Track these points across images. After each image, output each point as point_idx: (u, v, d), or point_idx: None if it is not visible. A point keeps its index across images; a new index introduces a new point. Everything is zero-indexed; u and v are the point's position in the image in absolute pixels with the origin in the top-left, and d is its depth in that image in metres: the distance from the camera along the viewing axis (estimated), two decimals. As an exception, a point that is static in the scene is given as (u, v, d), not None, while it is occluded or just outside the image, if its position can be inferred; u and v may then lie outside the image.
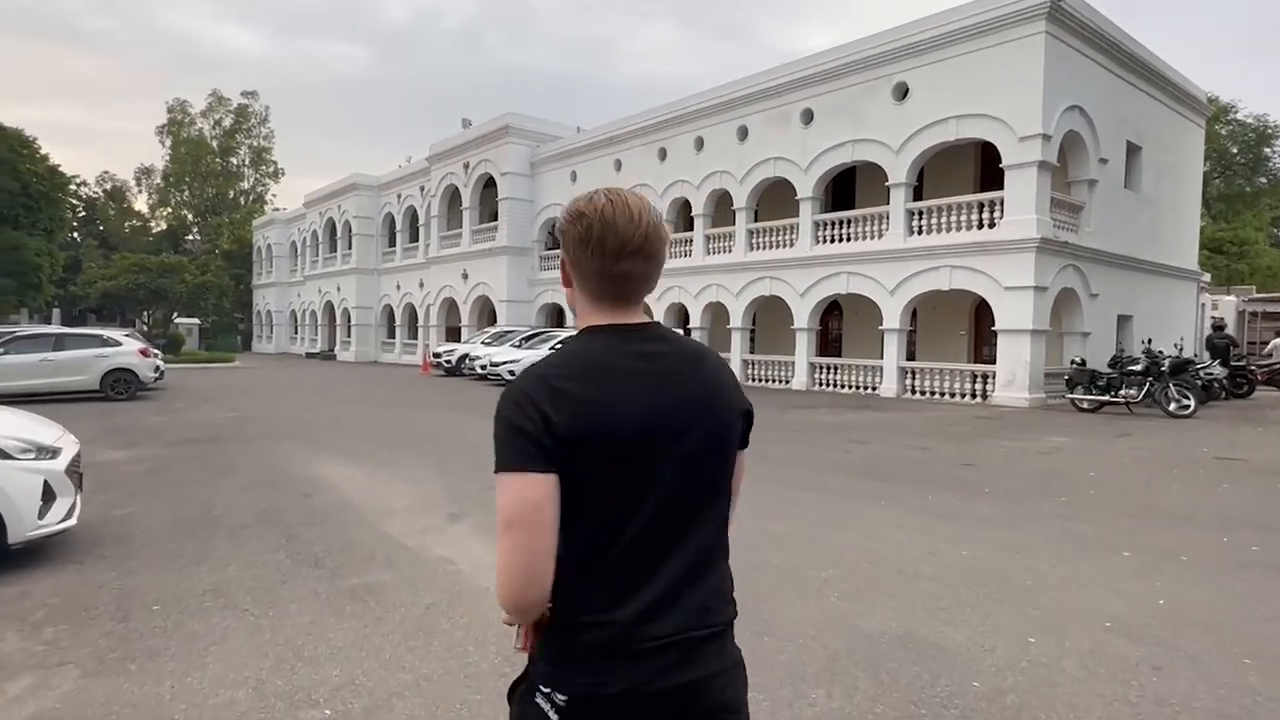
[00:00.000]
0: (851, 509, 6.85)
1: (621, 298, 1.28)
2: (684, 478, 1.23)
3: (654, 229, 1.26)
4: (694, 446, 1.24)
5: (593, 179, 26.85)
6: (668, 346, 1.28)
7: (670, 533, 1.23)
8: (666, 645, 1.19)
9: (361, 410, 15.37)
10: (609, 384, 1.20)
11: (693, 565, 1.24)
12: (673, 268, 23.80)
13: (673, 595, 1.21)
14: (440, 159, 33.25)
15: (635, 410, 1.20)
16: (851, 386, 19.17)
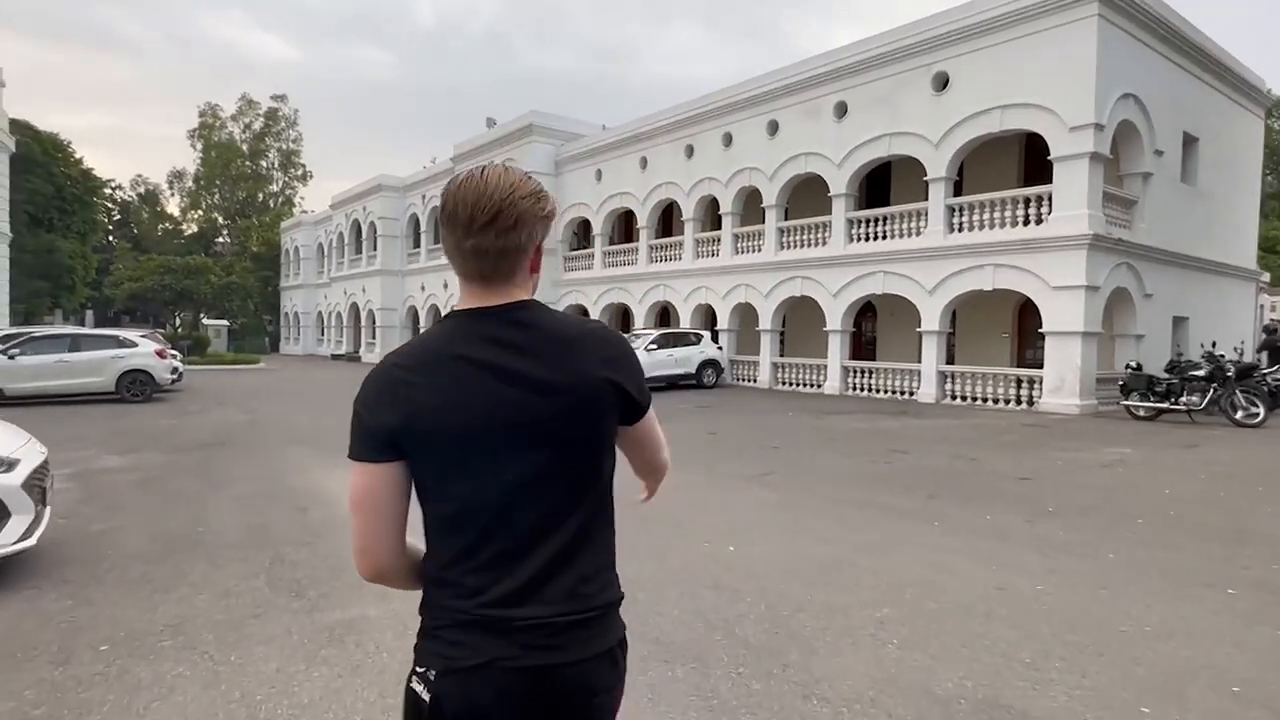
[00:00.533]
0: (901, 530, 6.12)
1: (482, 276, 1.26)
2: (543, 464, 1.23)
3: (508, 202, 1.22)
4: (553, 433, 1.22)
5: (618, 178, 26.27)
6: (526, 331, 1.24)
7: (533, 517, 1.23)
8: (530, 626, 1.20)
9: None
10: (453, 373, 1.21)
11: (560, 550, 1.24)
12: (700, 268, 23.11)
13: (537, 579, 1.22)
14: (464, 159, 32.90)
15: (478, 400, 1.20)
16: (887, 391, 18.32)
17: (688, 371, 20.73)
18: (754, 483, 8.09)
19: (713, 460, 9.53)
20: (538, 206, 1.26)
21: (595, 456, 1.28)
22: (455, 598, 1.23)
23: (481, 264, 1.25)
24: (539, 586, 1.22)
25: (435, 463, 1.22)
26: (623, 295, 26.27)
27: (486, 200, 1.21)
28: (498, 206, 1.21)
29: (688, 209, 23.60)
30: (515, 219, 1.23)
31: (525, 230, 1.25)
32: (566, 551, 1.25)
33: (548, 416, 1.22)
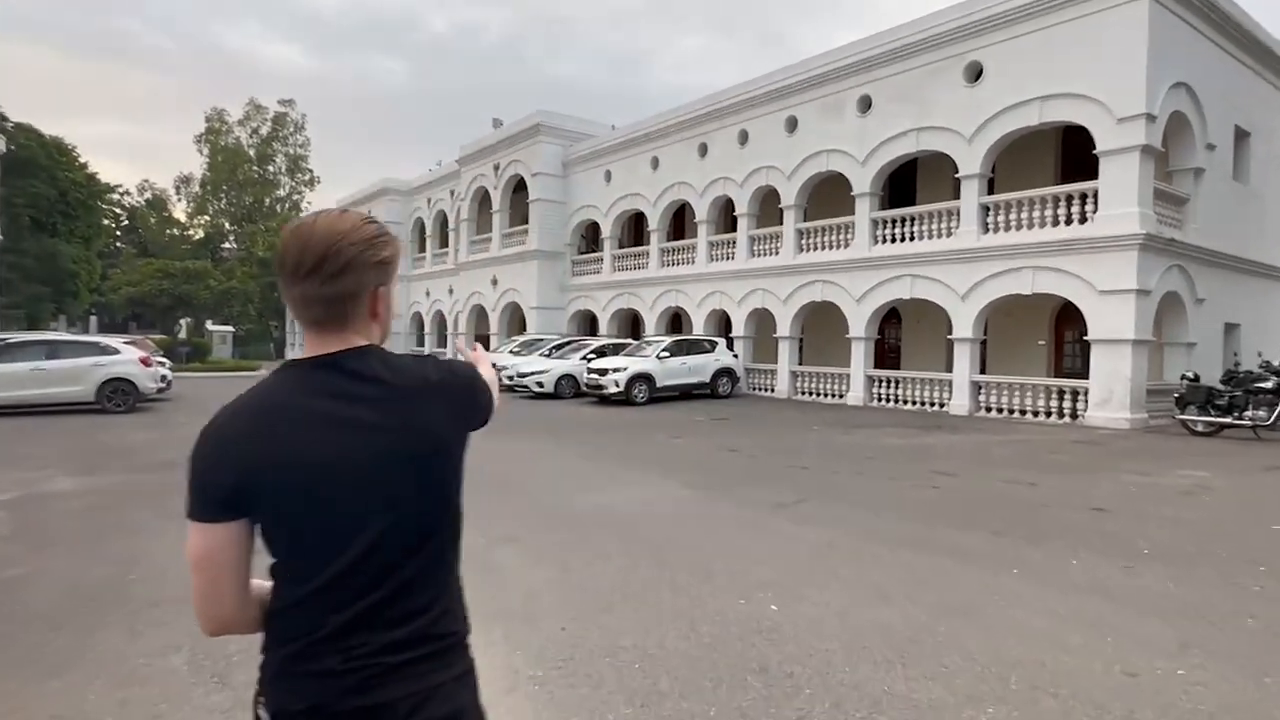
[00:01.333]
0: (976, 581, 5.04)
1: (315, 324, 1.26)
2: (383, 511, 1.22)
3: (334, 249, 1.21)
4: (392, 480, 1.23)
5: (628, 178, 25.30)
6: (361, 380, 1.24)
7: (374, 564, 1.22)
8: (357, 668, 1.20)
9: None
10: (288, 426, 1.21)
11: (401, 593, 1.24)
12: (714, 272, 22.08)
13: (369, 623, 1.22)
14: (470, 160, 32.04)
15: (314, 452, 1.20)
16: (915, 402, 17.20)
17: (702, 381, 19.68)
18: (787, 514, 7.03)
19: (737, 484, 8.48)
20: (370, 252, 1.25)
21: (440, 498, 1.29)
22: (291, 641, 1.23)
23: (311, 312, 1.25)
24: (370, 629, 1.22)
25: (275, 515, 1.22)
26: (633, 300, 25.26)
27: (312, 248, 1.21)
28: (321, 253, 1.21)
29: (701, 210, 22.59)
30: (342, 266, 1.22)
31: (353, 277, 1.23)
32: (408, 593, 1.25)
33: (386, 464, 1.22)
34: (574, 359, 20.93)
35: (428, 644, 1.26)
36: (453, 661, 1.30)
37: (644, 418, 15.74)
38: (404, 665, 1.23)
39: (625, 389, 18.17)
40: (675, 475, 9.01)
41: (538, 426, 14.18)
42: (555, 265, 28.33)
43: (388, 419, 1.23)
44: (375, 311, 1.30)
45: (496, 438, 13.17)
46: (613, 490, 8.11)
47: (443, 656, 1.28)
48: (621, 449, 11.30)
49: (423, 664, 1.25)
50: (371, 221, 1.29)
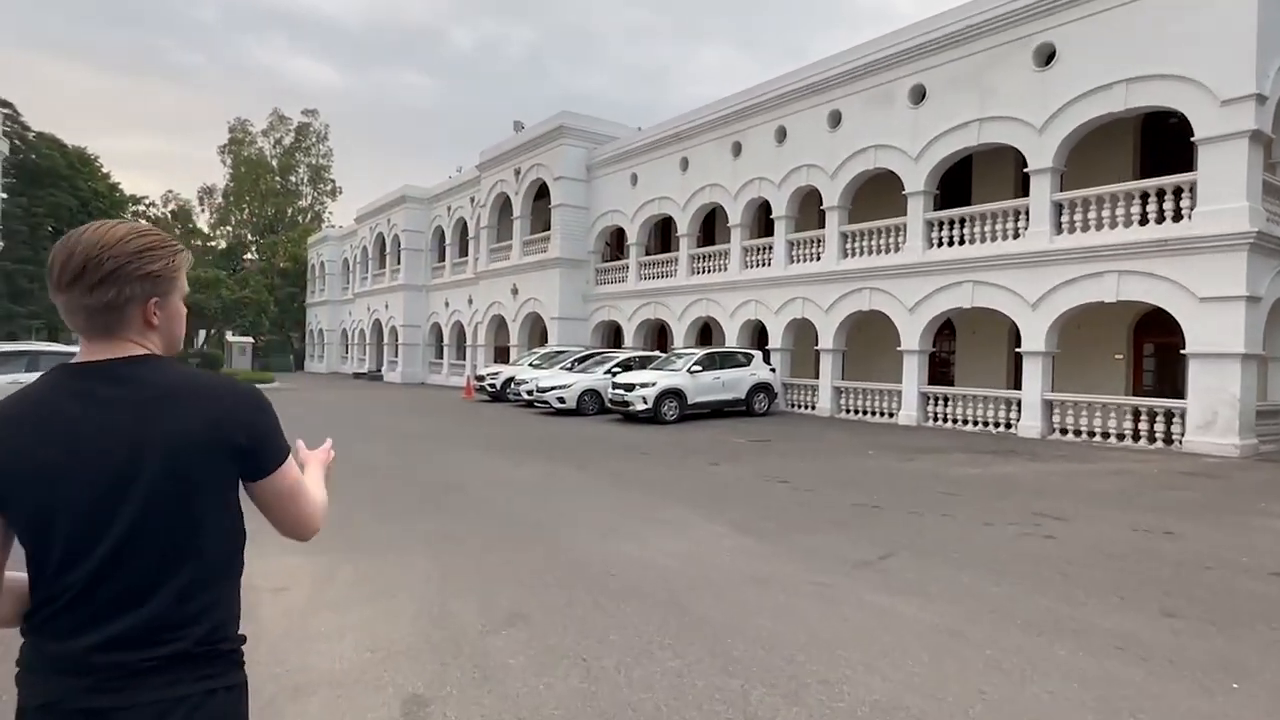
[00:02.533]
0: (1187, 704, 3.43)
1: (84, 331, 1.28)
2: (129, 519, 1.23)
3: (95, 261, 1.23)
4: (138, 488, 1.23)
5: (656, 181, 23.88)
6: (123, 386, 1.25)
7: (117, 571, 1.23)
8: (90, 671, 1.21)
9: (379, 448, 12.51)
10: (41, 428, 1.22)
11: (134, 602, 1.23)
12: (749, 279, 20.53)
13: (108, 629, 1.22)
14: (491, 165, 30.85)
15: (63, 455, 1.21)
16: (976, 423, 15.47)
17: (736, 397, 18.09)
18: (876, 577, 5.44)
19: (799, 529, 6.90)
20: (134, 265, 1.25)
21: (187, 511, 1.27)
22: (39, 638, 1.25)
23: (74, 320, 1.27)
24: (115, 635, 1.22)
25: (23, 514, 1.23)
26: (660, 311, 23.77)
27: (75, 258, 1.22)
28: (81, 264, 1.22)
29: (735, 214, 21.07)
30: (102, 277, 1.23)
31: (116, 288, 1.24)
32: (152, 603, 1.24)
33: (133, 472, 1.22)
34: (598, 373, 19.45)
35: (174, 654, 1.25)
36: (207, 674, 1.28)
37: (675, 439, 14.19)
38: (145, 673, 1.23)
39: (654, 406, 16.64)
40: (721, 514, 7.45)
41: (558, 448, 12.68)
42: (578, 274, 26.95)
43: (141, 428, 1.23)
44: (151, 321, 1.31)
45: (511, 460, 11.71)
46: (648, 536, 6.57)
47: (193, 668, 1.26)
48: (653, 477, 9.76)
49: (165, 674, 1.24)
50: (149, 234, 1.30)
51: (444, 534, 6.54)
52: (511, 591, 4.97)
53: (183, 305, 1.38)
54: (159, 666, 1.23)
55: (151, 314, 1.30)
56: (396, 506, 7.70)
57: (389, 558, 5.80)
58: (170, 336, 1.36)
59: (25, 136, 42.61)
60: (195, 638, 1.27)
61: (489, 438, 14.22)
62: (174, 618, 1.25)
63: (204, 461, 1.26)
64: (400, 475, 9.74)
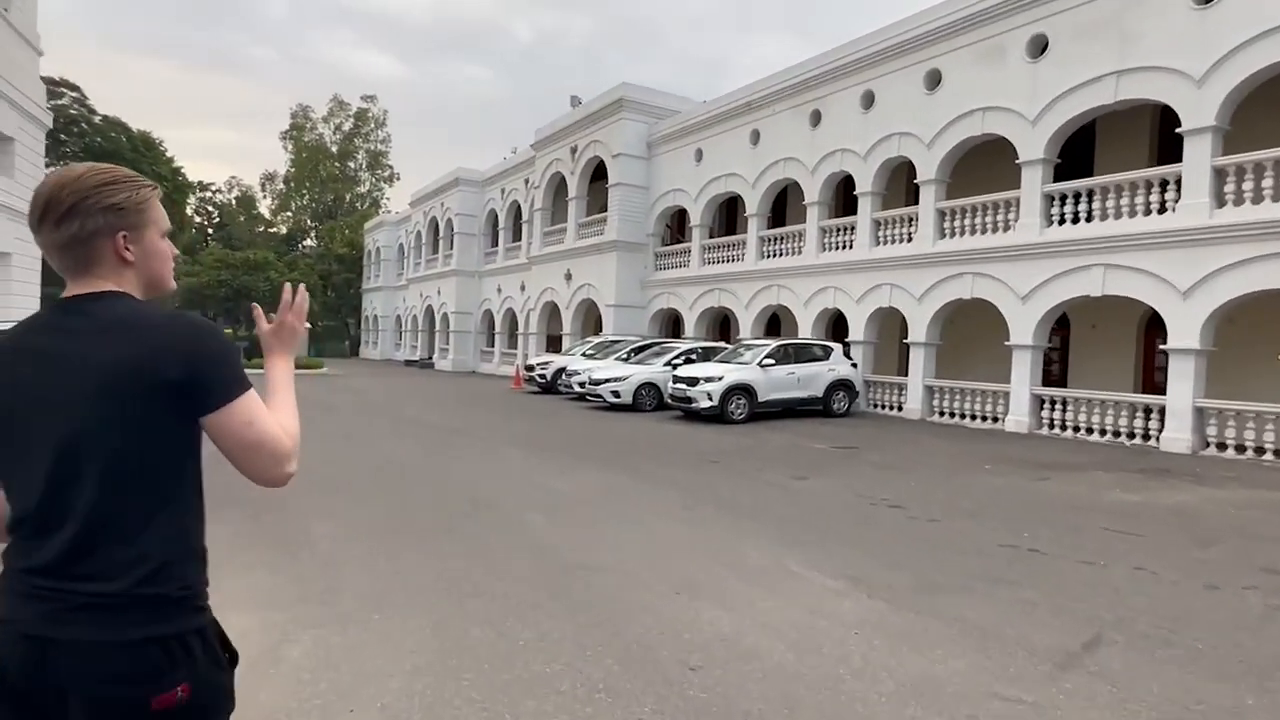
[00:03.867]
0: None
1: (62, 270, 1.33)
2: (76, 447, 1.24)
3: (56, 198, 1.26)
4: (83, 417, 1.24)
5: (723, 157, 21.86)
6: (84, 319, 1.28)
7: (68, 497, 1.24)
8: (46, 596, 1.23)
9: (410, 445, 10.97)
10: (7, 358, 1.28)
11: (91, 531, 1.24)
12: (827, 263, 18.38)
13: (65, 554, 1.24)
14: (546, 144, 29.26)
15: (19, 383, 1.26)
16: (1103, 431, 13.09)
17: (813, 395, 16.04)
18: (1090, 686, 3.47)
19: (940, 588, 4.95)
20: (97, 196, 1.28)
21: (132, 442, 1.26)
22: (9, 561, 1.29)
23: (52, 260, 1.32)
24: (65, 562, 1.24)
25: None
26: (725, 298, 21.78)
27: (40, 198, 1.27)
28: (45, 202, 1.27)
29: (812, 191, 18.92)
30: (64, 212, 1.27)
31: (78, 221, 1.27)
32: (97, 533, 1.25)
33: (78, 399, 1.24)
34: (657, 365, 17.65)
35: (116, 592, 1.24)
36: (152, 620, 1.25)
37: (747, 442, 12.28)
38: (85, 609, 1.23)
39: (720, 403, 14.74)
40: (829, 557, 5.54)
41: (612, 450, 10.92)
42: (636, 258, 25.14)
43: (90, 358, 1.24)
44: (121, 255, 1.32)
45: (556, 466, 9.99)
46: (736, 593, 4.73)
47: (135, 611, 1.25)
48: (729, 495, 7.89)
49: (105, 613, 1.23)
50: (110, 170, 1.32)
51: (459, 582, 4.81)
52: (546, 702, 3.19)
53: (164, 243, 1.39)
54: (99, 604, 1.23)
55: (122, 249, 1.32)
56: (408, 532, 6.02)
57: (372, 624, 4.08)
58: (150, 274, 1.38)
59: (91, 120, 42.99)
60: (137, 577, 1.25)
61: (534, 436, 12.56)
62: (114, 554, 1.25)
63: (137, 394, 1.24)
64: (424, 482, 8.10)
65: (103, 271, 1.31)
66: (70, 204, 1.26)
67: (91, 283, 1.30)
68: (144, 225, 1.34)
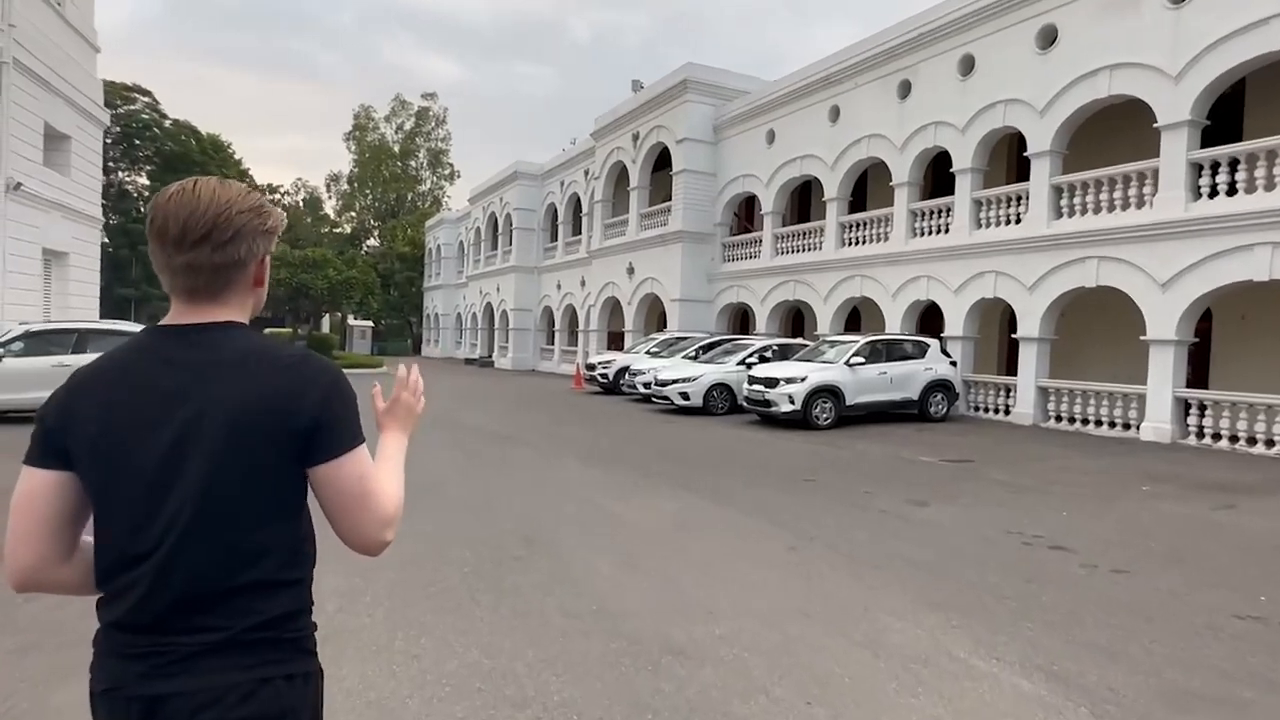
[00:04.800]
0: None
1: (189, 293, 1.24)
2: (188, 492, 1.16)
3: (224, 217, 1.20)
4: (200, 460, 1.17)
5: (797, 137, 20.14)
6: (204, 352, 1.21)
7: (175, 547, 1.16)
8: (145, 654, 1.16)
9: (454, 457, 9.77)
10: (119, 390, 1.19)
11: (182, 575, 1.16)
12: (918, 250, 16.54)
13: (169, 606, 1.16)
14: (606, 133, 27.99)
15: (134, 420, 1.17)
16: (1270, 443, 10.98)
17: (906, 397, 14.27)
18: None
19: (1172, 687, 3.38)
20: (258, 220, 1.24)
21: (245, 487, 1.19)
22: (103, 617, 1.21)
23: (193, 280, 1.22)
24: (174, 615, 1.17)
25: (93, 478, 1.19)
26: (800, 290, 20.06)
27: (200, 215, 1.19)
28: (212, 221, 1.19)
29: (900, 170, 17.07)
30: (233, 233, 1.21)
31: (245, 244, 1.23)
32: (209, 583, 1.17)
33: (196, 442, 1.17)
34: (729, 364, 16.13)
35: (226, 640, 1.18)
36: (265, 661, 1.20)
37: (840, 454, 10.69)
38: (196, 657, 1.16)
39: (803, 407, 13.14)
40: (1004, 635, 3.99)
41: (685, 464, 9.48)
42: (702, 249, 23.61)
43: (210, 398, 1.17)
44: (260, 279, 1.31)
45: (622, 483, 8.59)
46: (896, 707, 3.23)
47: (248, 654, 1.19)
48: (837, 529, 6.36)
49: (217, 658, 1.17)
50: (255, 191, 1.28)
51: (500, 684, 3.44)
52: None
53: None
54: (211, 650, 1.17)
55: (263, 270, 1.31)
56: (435, 589, 4.69)
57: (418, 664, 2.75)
58: (260, 299, 1.34)
59: (162, 124, 43.85)
60: (250, 624, 1.19)
61: (595, 444, 11.23)
62: (228, 604, 1.18)
63: (265, 439, 1.19)
64: (467, 507, 6.82)
65: (231, 298, 1.25)
66: (239, 225, 1.21)
67: (215, 310, 1.23)
68: (269, 250, 1.32)
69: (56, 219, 17.65)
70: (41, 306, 17.14)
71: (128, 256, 42.13)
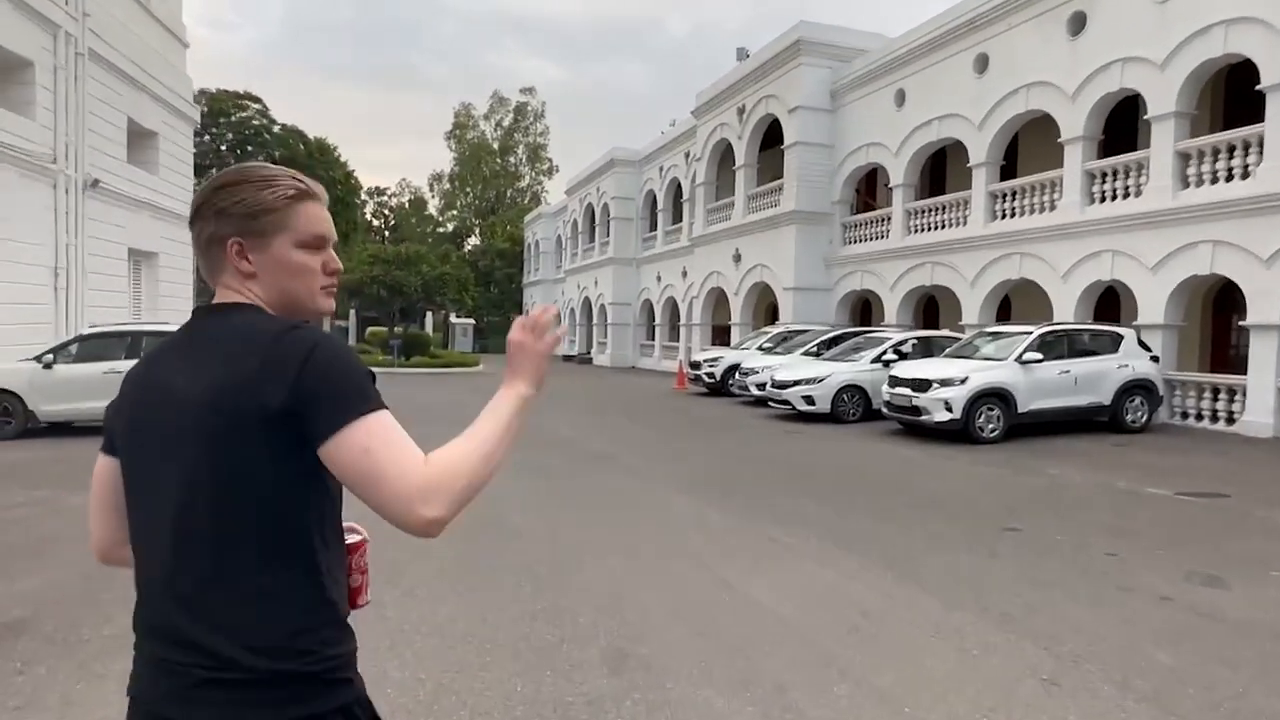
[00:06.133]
0: None
1: (205, 276, 1.22)
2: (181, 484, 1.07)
3: (199, 198, 1.17)
4: (185, 449, 1.07)
5: (935, 94, 17.24)
6: (197, 336, 1.14)
7: (176, 546, 1.07)
8: (172, 670, 1.06)
9: (526, 486, 7.87)
10: (139, 379, 1.17)
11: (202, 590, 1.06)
12: (1098, 219, 13.47)
13: (177, 619, 1.06)
14: (708, 109, 25.72)
15: (138, 409, 1.14)
16: None
17: (1096, 403, 11.36)
18: None
19: None
20: (214, 198, 1.15)
21: (239, 485, 1.05)
22: (135, 615, 1.15)
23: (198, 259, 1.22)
24: (179, 627, 1.06)
25: (122, 470, 1.17)
26: (940, 274, 17.18)
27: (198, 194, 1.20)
28: (199, 199, 1.19)
29: (1072, 122, 13.99)
30: (196, 211, 1.18)
31: (200, 224, 1.16)
32: (210, 595, 1.05)
33: (180, 430, 1.08)
34: (862, 361, 13.61)
35: (250, 671, 1.03)
36: (291, 699, 1.04)
37: (1029, 482, 8.11)
38: (207, 685, 1.03)
39: (964, 415, 10.53)
40: None
41: (827, 500, 7.19)
42: (819, 231, 20.98)
43: (192, 383, 1.08)
44: (237, 264, 1.15)
45: (750, 534, 5.75)
46: None
47: (260, 690, 1.04)
48: (1104, 637, 3.94)
49: (227, 691, 1.03)
50: (242, 171, 1.16)
51: None
52: None
53: (301, 254, 1.16)
54: (224, 682, 1.02)
55: (234, 258, 1.15)
56: None
57: None
58: (281, 289, 1.16)
59: (271, 130, 44.91)
60: (263, 649, 1.03)
61: (707, 467, 9.10)
62: (233, 618, 1.04)
63: (236, 427, 1.04)
64: (531, 576, 4.83)
65: (226, 280, 1.16)
66: (202, 203, 1.16)
67: (222, 293, 1.16)
68: (269, 232, 1.14)
69: (144, 218, 17.14)
70: (129, 308, 16.64)
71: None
